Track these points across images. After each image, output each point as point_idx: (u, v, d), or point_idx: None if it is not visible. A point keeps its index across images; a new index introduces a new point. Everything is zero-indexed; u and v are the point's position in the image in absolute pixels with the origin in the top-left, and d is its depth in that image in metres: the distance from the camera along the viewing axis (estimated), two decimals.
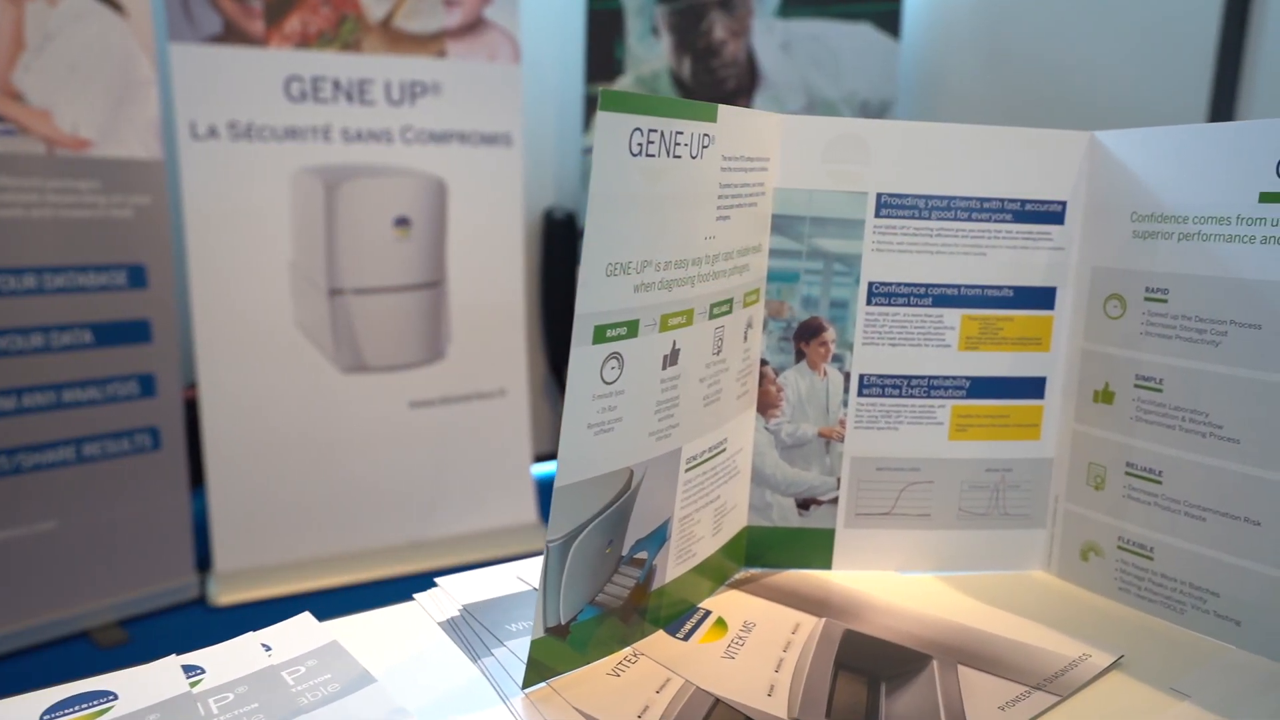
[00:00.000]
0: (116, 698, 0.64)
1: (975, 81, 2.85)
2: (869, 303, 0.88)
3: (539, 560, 0.72)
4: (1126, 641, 0.80)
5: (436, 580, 0.86)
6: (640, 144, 0.64)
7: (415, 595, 0.84)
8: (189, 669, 0.68)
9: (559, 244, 2.98)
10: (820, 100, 2.81)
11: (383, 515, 2.47)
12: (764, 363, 0.88)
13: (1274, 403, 0.75)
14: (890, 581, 0.90)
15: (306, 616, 0.77)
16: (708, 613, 0.83)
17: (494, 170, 2.50)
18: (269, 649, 0.72)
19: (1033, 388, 0.91)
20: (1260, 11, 2.22)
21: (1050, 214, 0.88)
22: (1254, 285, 0.76)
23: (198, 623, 2.26)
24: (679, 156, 0.68)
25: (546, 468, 2.88)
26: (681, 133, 0.67)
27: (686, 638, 0.79)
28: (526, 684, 0.70)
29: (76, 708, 0.63)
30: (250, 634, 0.74)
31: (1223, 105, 2.26)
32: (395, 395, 2.47)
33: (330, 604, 2.36)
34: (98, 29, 2.08)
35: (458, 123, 2.44)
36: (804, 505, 0.91)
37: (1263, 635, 0.77)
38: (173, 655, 0.69)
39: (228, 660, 0.70)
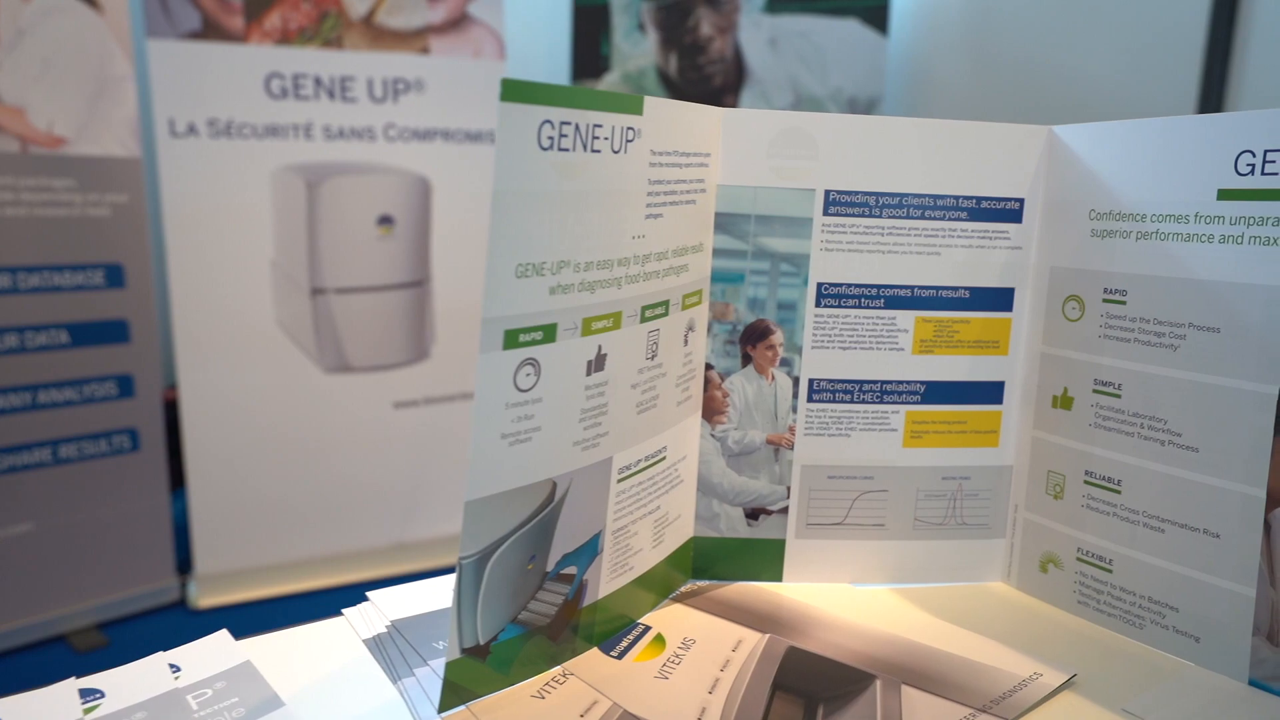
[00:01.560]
0: None
1: (963, 78, 2.81)
2: (818, 304, 0.84)
3: None
4: (1083, 658, 0.76)
5: (368, 594, 0.83)
6: (551, 137, 0.60)
7: (343, 610, 0.81)
8: (87, 693, 0.65)
9: None
10: (807, 97, 2.77)
11: (366, 517, 2.44)
12: (709, 367, 0.85)
13: (1233, 410, 0.71)
14: (843, 594, 0.87)
15: (223, 635, 0.74)
16: (647, 628, 0.80)
17: (479, 168, 2.47)
18: (177, 670, 0.69)
19: (991, 392, 0.87)
20: (1248, 9, 2.18)
21: (1007, 212, 0.84)
22: (1212, 287, 0.72)
23: (178, 626, 2.23)
24: (598, 151, 0.64)
25: None
26: (601, 126, 0.64)
27: (621, 656, 0.75)
28: (443, 708, 0.66)
29: None
30: (160, 654, 0.70)
31: (1211, 103, 2.22)
32: (379, 396, 2.43)
33: (313, 606, 2.33)
34: (72, 25, 2.05)
35: (442, 120, 2.41)
36: (753, 515, 0.87)
37: (1221, 652, 0.73)
38: (70, 679, 0.66)
39: (130, 683, 0.67)
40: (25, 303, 2.04)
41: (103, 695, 0.65)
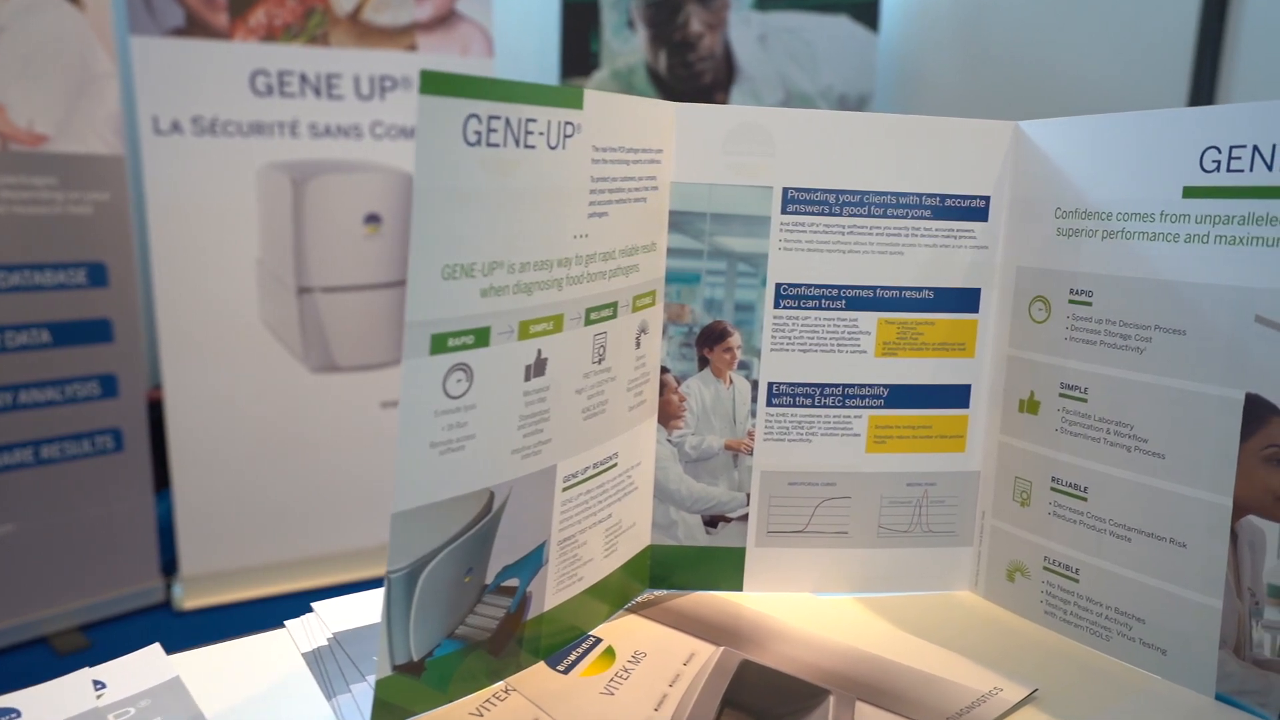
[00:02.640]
0: None
1: (954, 75, 2.77)
2: (777, 305, 0.81)
3: None
4: (1047, 672, 0.74)
5: (312, 605, 0.80)
6: (479, 132, 0.58)
7: (286, 622, 0.78)
8: (1, 712, 0.63)
9: None
10: (798, 94, 2.74)
11: (353, 517, 2.42)
12: (665, 370, 0.82)
13: (1199, 415, 0.68)
14: (805, 605, 0.84)
15: (155, 649, 0.71)
16: (598, 641, 0.77)
17: None
18: (102, 687, 0.66)
19: (957, 396, 0.84)
20: (1238, 6, 2.15)
21: (973, 210, 0.81)
22: (1178, 287, 0.69)
23: (162, 628, 2.21)
24: (532, 147, 0.62)
25: None
26: (535, 120, 0.61)
27: (568, 670, 0.73)
28: None
29: None
30: (85, 670, 0.68)
31: (1202, 101, 2.19)
32: (366, 395, 2.41)
33: (300, 608, 2.31)
34: (53, 21, 2.03)
35: None
36: (712, 523, 0.84)
37: (1187, 665, 0.70)
38: None
39: (49, 701, 0.64)
40: (6, 302, 2.02)
41: (18, 715, 0.62)
